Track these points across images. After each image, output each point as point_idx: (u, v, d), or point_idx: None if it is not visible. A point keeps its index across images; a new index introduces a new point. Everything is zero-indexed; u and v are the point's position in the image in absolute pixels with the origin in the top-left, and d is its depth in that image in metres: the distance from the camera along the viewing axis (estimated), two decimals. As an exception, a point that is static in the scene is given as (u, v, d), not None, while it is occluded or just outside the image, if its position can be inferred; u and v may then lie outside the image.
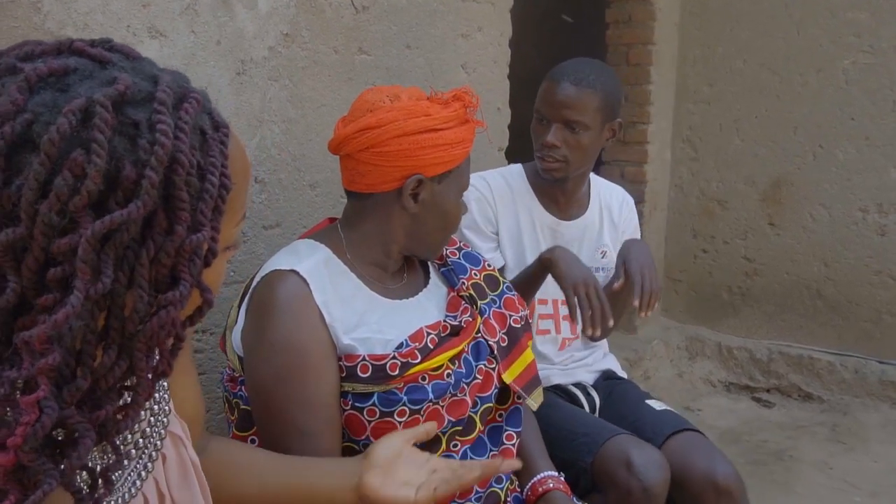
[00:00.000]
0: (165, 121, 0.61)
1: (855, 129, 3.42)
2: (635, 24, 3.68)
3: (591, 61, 1.88)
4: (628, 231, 2.05)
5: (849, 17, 3.38)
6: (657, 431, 1.77)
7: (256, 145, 1.71)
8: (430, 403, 1.29)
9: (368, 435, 1.26)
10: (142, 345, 0.62)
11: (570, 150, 1.81)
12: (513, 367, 1.46)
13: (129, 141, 0.60)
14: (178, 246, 0.62)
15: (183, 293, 0.62)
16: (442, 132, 1.31)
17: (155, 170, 0.59)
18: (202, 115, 0.67)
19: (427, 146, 1.31)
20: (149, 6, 1.46)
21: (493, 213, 1.92)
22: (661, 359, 3.78)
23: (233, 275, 1.70)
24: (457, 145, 1.33)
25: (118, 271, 0.60)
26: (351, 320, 1.29)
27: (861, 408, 3.43)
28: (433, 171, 1.33)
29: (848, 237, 3.50)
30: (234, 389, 1.36)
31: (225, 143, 0.68)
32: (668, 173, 3.92)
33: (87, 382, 0.60)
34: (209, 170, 0.64)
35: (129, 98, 0.61)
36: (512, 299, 1.54)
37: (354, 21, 1.89)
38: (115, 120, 0.59)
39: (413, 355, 1.29)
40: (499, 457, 1.40)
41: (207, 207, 0.64)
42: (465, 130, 1.35)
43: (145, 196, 0.59)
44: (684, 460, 1.68)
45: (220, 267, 0.77)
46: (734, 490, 1.66)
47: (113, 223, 0.57)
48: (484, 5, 2.30)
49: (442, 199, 1.36)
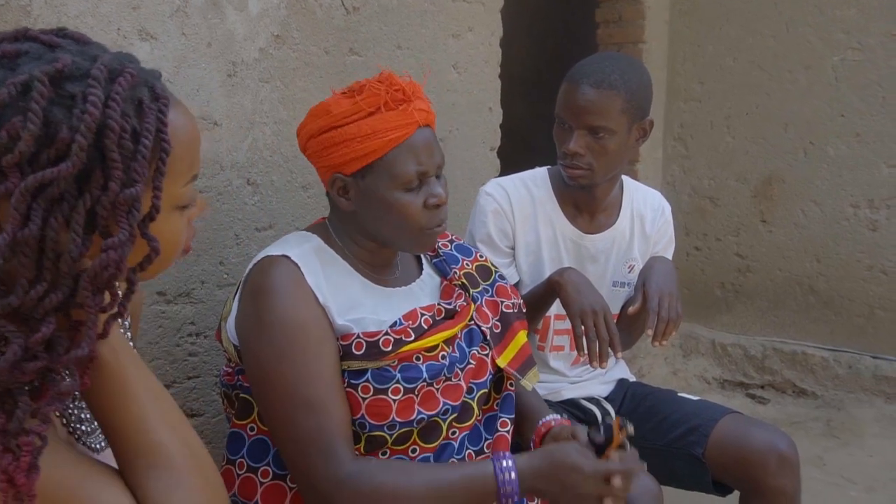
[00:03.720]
0: (96, 93, 0.71)
1: (845, 125, 3.44)
2: (625, 23, 3.69)
3: (612, 56, 1.77)
4: (661, 243, 1.92)
5: (837, 14, 3.39)
6: (706, 417, 1.77)
7: (248, 147, 1.71)
8: (425, 384, 1.30)
9: (363, 413, 1.26)
10: (87, 283, 0.72)
11: (594, 157, 1.68)
12: (506, 351, 1.46)
13: (66, 110, 0.70)
14: (112, 200, 0.72)
15: (121, 239, 0.72)
16: (343, 128, 1.27)
17: (84, 135, 0.69)
18: (141, 88, 0.76)
19: (329, 145, 1.28)
20: (139, 8, 1.46)
21: (510, 227, 1.80)
22: (656, 356, 3.79)
23: (227, 277, 1.69)
24: (367, 137, 1.26)
25: (51, 219, 0.69)
26: (344, 303, 1.29)
27: (855, 403, 3.44)
28: (350, 169, 1.29)
29: (839, 233, 3.51)
30: (232, 381, 1.35)
31: (164, 112, 0.77)
32: (659, 171, 3.93)
33: (17, 301, 0.69)
34: (144, 134, 0.74)
35: (68, 74, 0.72)
36: (504, 287, 1.53)
37: (345, 22, 1.89)
38: (52, 92, 0.70)
39: (406, 333, 1.29)
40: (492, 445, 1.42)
41: (141, 167, 0.73)
42: (378, 120, 1.26)
43: (74, 157, 0.69)
44: (744, 435, 1.71)
45: (175, 225, 0.85)
46: (794, 458, 1.68)
47: (44, 178, 0.68)
48: (474, 5, 2.30)
49: (373, 195, 1.30)
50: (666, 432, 1.80)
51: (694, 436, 1.76)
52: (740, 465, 1.69)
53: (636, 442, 1.84)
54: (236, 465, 1.34)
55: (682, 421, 1.79)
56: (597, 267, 1.86)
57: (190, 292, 1.63)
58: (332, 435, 1.21)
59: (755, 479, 1.68)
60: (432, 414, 1.31)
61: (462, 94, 2.26)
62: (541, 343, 1.89)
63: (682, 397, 1.90)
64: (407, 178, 1.28)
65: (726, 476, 1.75)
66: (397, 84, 1.29)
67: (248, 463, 1.32)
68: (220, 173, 1.65)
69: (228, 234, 1.69)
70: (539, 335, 1.89)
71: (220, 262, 1.68)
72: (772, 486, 1.67)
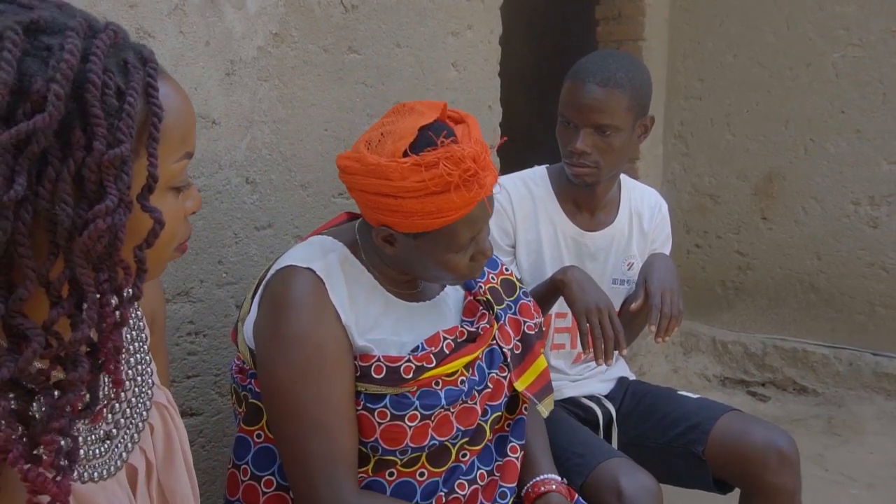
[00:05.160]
0: (74, 43, 0.66)
1: (845, 122, 3.43)
2: (625, 21, 3.69)
3: (614, 54, 1.77)
4: (658, 240, 1.93)
5: (837, 11, 3.39)
6: (706, 415, 1.77)
7: (247, 146, 1.70)
8: (442, 409, 1.28)
9: (377, 437, 1.24)
10: (80, 259, 0.67)
11: (601, 154, 1.68)
12: (525, 374, 1.43)
13: (41, 62, 0.65)
14: (98, 160, 0.66)
15: (109, 206, 0.66)
16: (402, 200, 1.16)
17: (59, 83, 0.64)
18: (126, 50, 0.72)
19: (383, 208, 1.19)
20: (136, 7, 1.45)
21: (511, 225, 1.81)
22: (656, 354, 3.79)
23: (225, 276, 1.69)
24: (430, 214, 1.17)
25: (38, 186, 0.64)
26: (366, 322, 1.27)
27: (856, 400, 3.44)
28: (405, 230, 1.21)
29: (840, 230, 3.51)
30: (244, 382, 1.34)
31: (152, 76, 0.72)
32: (660, 169, 3.92)
33: (27, 292, 0.65)
34: (129, 93, 0.69)
35: (44, 27, 0.66)
36: (527, 305, 1.50)
37: (344, 20, 1.88)
38: (26, 43, 0.65)
39: (428, 359, 1.27)
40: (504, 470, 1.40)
41: (127, 125, 0.68)
42: (445, 200, 1.15)
43: (51, 107, 0.63)
44: (744, 432, 1.71)
45: (169, 207, 0.79)
46: (794, 455, 1.69)
47: (20, 133, 0.62)
48: (474, 3, 2.29)
49: (423, 252, 1.24)
50: (666, 430, 1.80)
51: (694, 434, 1.76)
52: (740, 462, 1.69)
53: (637, 440, 1.85)
54: (241, 471, 1.32)
55: (682, 419, 1.79)
56: (596, 264, 1.86)
57: (188, 291, 1.63)
58: (337, 462, 1.19)
59: (755, 477, 1.68)
60: (444, 440, 1.29)
61: (461, 92, 2.26)
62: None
63: (682, 395, 1.90)
64: (462, 244, 1.23)
65: (726, 474, 1.74)
66: (468, 166, 1.15)
67: (252, 470, 1.31)
68: (219, 172, 1.65)
69: (227, 233, 1.69)
70: None
71: (218, 261, 1.68)
72: (772, 484, 1.67)
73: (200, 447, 1.69)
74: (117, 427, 0.87)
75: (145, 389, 0.93)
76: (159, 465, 0.93)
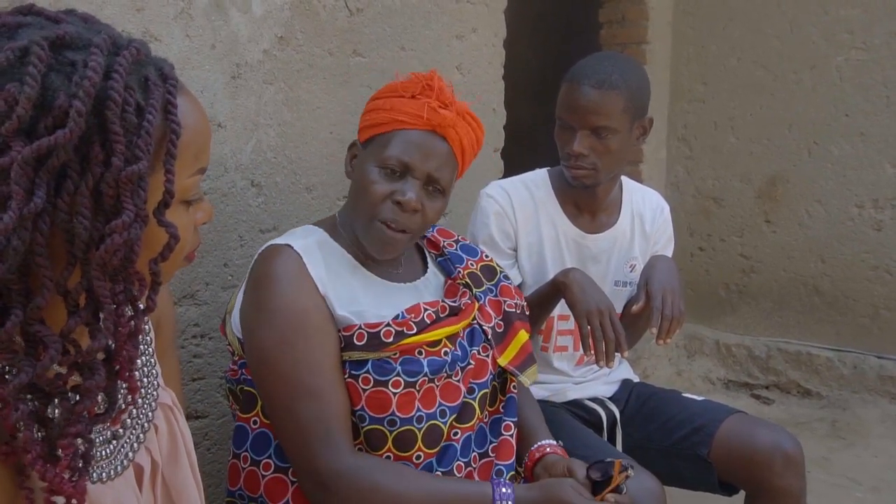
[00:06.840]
0: (97, 60, 0.67)
1: (849, 125, 3.43)
2: (629, 24, 3.69)
3: (611, 56, 1.77)
4: (660, 242, 1.93)
5: (841, 14, 3.39)
6: (711, 417, 1.77)
7: (252, 149, 1.71)
8: (426, 378, 1.31)
9: (363, 405, 1.27)
10: (97, 272, 0.68)
11: (598, 156, 1.69)
12: (507, 350, 1.47)
13: (65, 77, 0.67)
14: (116, 176, 0.68)
15: (126, 221, 0.68)
16: (379, 100, 1.37)
17: (81, 100, 0.65)
18: (147, 66, 0.74)
19: (367, 110, 1.39)
20: (143, 10, 1.46)
21: (512, 228, 1.81)
22: (660, 357, 3.79)
23: (231, 278, 1.69)
24: (384, 111, 1.34)
25: (57, 198, 0.66)
26: (346, 294, 1.31)
27: (860, 403, 3.43)
28: (363, 136, 1.38)
29: (844, 233, 3.50)
30: (236, 376, 1.36)
31: (172, 93, 0.74)
32: (663, 172, 3.92)
33: (44, 301, 0.66)
34: (149, 110, 0.70)
35: (69, 43, 0.68)
36: (508, 287, 1.54)
37: (349, 23, 1.89)
38: (51, 58, 0.66)
39: (408, 326, 1.31)
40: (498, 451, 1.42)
41: (145, 143, 0.69)
42: (400, 102, 1.34)
43: (72, 123, 0.64)
44: (749, 434, 1.71)
45: (180, 220, 0.80)
46: (799, 458, 1.68)
47: (41, 147, 0.64)
48: (478, 6, 2.30)
49: (361, 164, 1.36)
50: (671, 432, 1.80)
51: (699, 436, 1.75)
52: (745, 464, 1.69)
53: (641, 442, 1.85)
54: (241, 459, 1.35)
55: (686, 421, 1.79)
56: (598, 267, 1.86)
57: (194, 294, 1.63)
58: (332, 423, 1.22)
59: (760, 479, 1.68)
60: (430, 412, 1.31)
61: (466, 95, 2.26)
62: (544, 344, 1.89)
63: (686, 397, 1.90)
64: (387, 158, 1.32)
65: (731, 476, 1.74)
66: (435, 85, 1.35)
67: (252, 456, 1.34)
68: (224, 175, 1.65)
69: (233, 236, 1.69)
70: (542, 336, 1.89)
71: (224, 264, 1.68)
72: (777, 486, 1.66)
73: (206, 449, 1.70)
74: (123, 427, 0.89)
75: (150, 391, 0.95)
76: (164, 464, 0.95)
